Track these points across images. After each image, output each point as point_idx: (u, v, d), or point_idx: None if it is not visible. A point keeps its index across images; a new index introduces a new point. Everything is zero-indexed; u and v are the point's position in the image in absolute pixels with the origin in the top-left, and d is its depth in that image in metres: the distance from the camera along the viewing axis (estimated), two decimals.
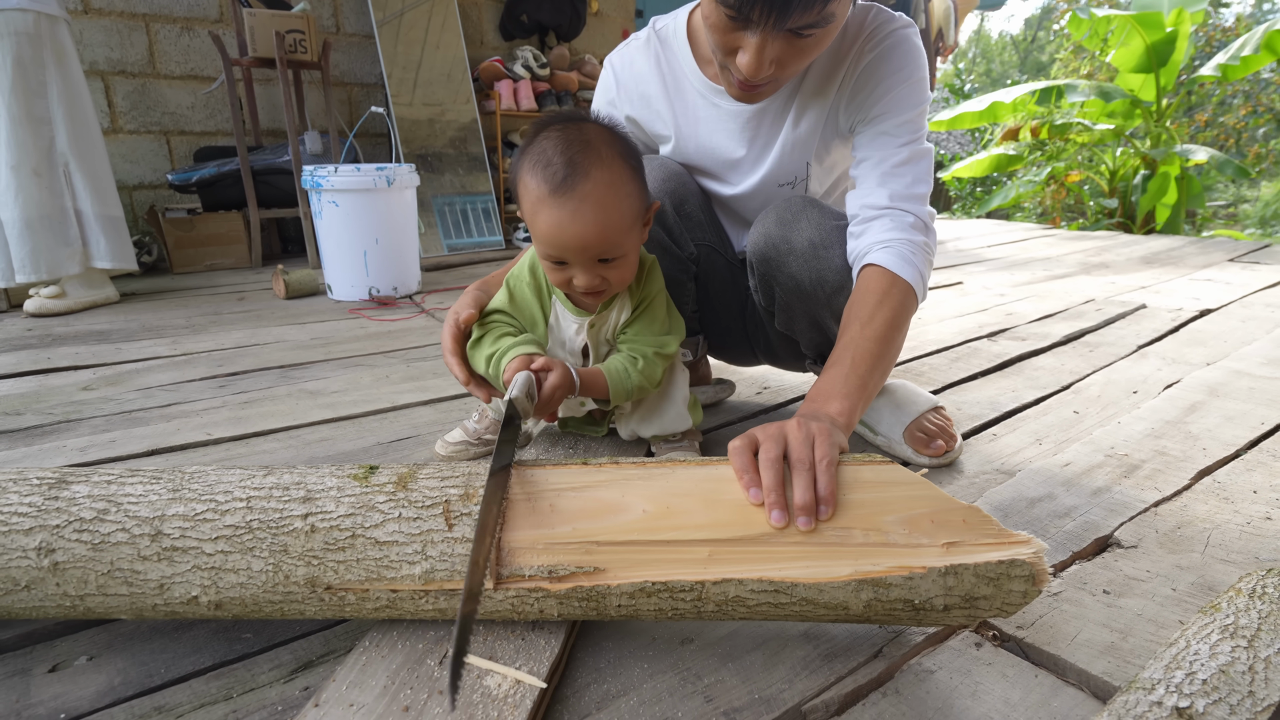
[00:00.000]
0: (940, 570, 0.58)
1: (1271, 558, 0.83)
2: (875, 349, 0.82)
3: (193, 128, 3.19)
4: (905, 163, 0.94)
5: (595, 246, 0.79)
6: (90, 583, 0.62)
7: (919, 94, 0.95)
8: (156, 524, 0.62)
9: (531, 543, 0.62)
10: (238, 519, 0.63)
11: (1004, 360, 1.60)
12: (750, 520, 0.62)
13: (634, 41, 1.09)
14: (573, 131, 0.80)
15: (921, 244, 0.92)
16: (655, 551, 0.61)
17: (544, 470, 0.67)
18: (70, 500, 0.64)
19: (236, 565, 0.62)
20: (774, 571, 0.60)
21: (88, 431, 1.24)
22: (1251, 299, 2.20)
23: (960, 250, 3.38)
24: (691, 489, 0.64)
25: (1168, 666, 0.60)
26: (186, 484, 0.66)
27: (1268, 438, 1.17)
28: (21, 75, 2.01)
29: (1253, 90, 9.13)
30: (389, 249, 2.40)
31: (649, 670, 0.66)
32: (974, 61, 20.03)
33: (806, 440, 0.65)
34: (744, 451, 0.65)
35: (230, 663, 0.68)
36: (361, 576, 0.62)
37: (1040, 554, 0.59)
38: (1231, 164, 4.47)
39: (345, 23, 3.45)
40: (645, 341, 0.93)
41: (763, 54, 0.81)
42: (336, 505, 0.63)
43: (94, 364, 1.65)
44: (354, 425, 1.27)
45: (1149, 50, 4.46)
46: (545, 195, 0.77)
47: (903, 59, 0.94)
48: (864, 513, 0.62)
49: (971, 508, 0.62)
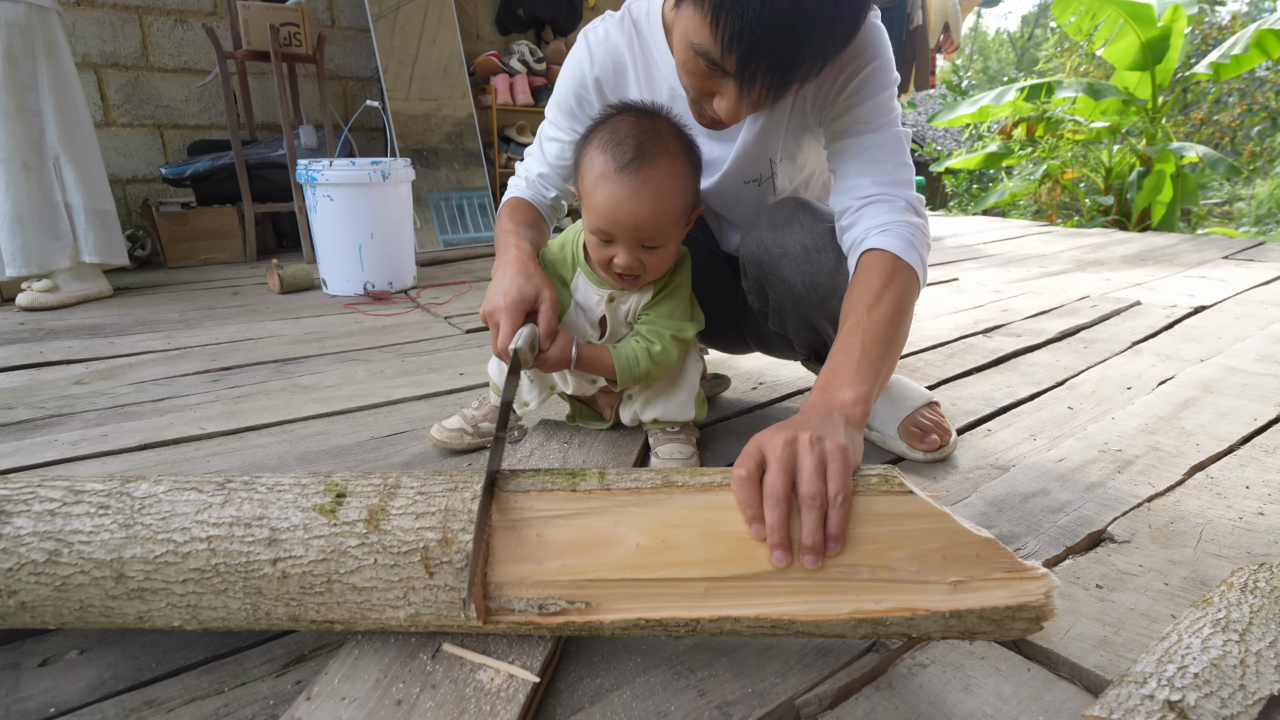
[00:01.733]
0: (944, 614, 0.56)
1: (1263, 552, 0.84)
2: (885, 332, 0.78)
3: (186, 121, 3.17)
4: (883, 146, 0.91)
5: (645, 229, 0.84)
6: (66, 615, 0.61)
7: (886, 76, 0.90)
8: (116, 567, 0.59)
9: (519, 578, 0.59)
10: (201, 562, 0.59)
11: (999, 356, 1.60)
12: (751, 557, 0.58)
13: (609, 18, 1.03)
14: (646, 120, 0.84)
15: (919, 225, 0.88)
16: (649, 588, 0.59)
17: (529, 497, 0.62)
18: (15, 539, 0.60)
19: (212, 604, 0.60)
20: (772, 609, 0.58)
21: (80, 426, 1.23)
22: (1245, 296, 2.20)
23: (957, 246, 3.38)
24: (688, 519, 0.60)
25: (1160, 660, 0.60)
26: (138, 517, 0.61)
27: (1260, 433, 1.18)
28: (12, 67, 1.99)
29: (1247, 89, 9.15)
30: (384, 244, 2.39)
31: (642, 664, 0.66)
32: (971, 59, 20.03)
33: (819, 468, 0.59)
34: (748, 484, 0.59)
35: (222, 657, 0.68)
36: (345, 616, 0.60)
37: (1051, 592, 0.56)
38: (1226, 162, 4.48)
39: (340, 16, 3.43)
40: (665, 324, 0.96)
41: (741, 105, 0.77)
42: (305, 550, 0.59)
43: (86, 358, 1.64)
44: (348, 420, 1.27)
45: (1144, 47, 4.47)
46: (610, 172, 0.81)
47: (865, 40, 0.89)
48: (873, 548, 0.58)
49: (987, 540, 0.57)
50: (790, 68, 0.72)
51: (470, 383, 1.46)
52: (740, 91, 0.75)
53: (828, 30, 0.70)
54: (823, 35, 0.70)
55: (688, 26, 0.73)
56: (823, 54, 0.73)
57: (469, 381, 1.47)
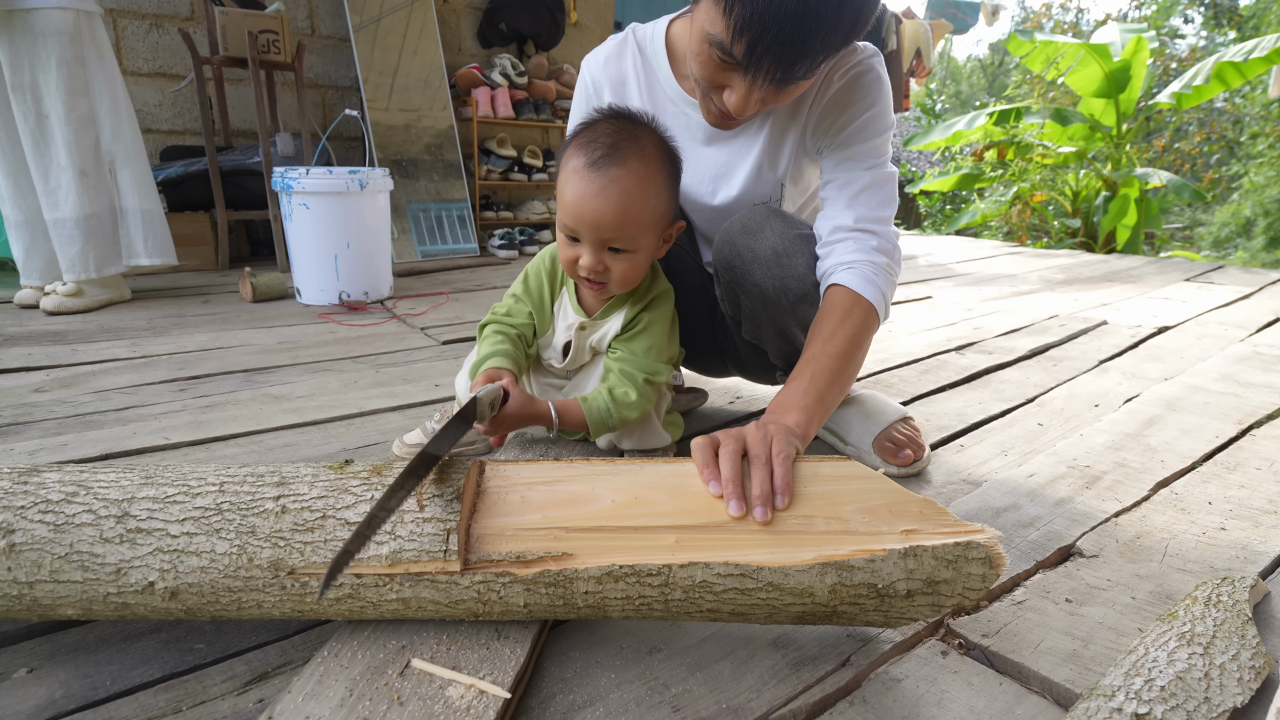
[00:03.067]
0: (900, 552, 0.60)
1: (1225, 567, 0.86)
2: (835, 365, 0.86)
3: (159, 126, 3.12)
4: (870, 187, 0.97)
5: (608, 228, 0.83)
6: (44, 566, 0.61)
7: (883, 121, 0.98)
8: (125, 505, 0.62)
9: (500, 529, 0.63)
10: (208, 501, 0.63)
11: (971, 373, 1.63)
12: (716, 509, 0.64)
13: (610, 42, 1.09)
14: (627, 124, 0.86)
15: (884, 265, 0.95)
16: (623, 538, 0.62)
17: (515, 466, 0.69)
18: (40, 484, 0.64)
19: (200, 548, 0.61)
20: (740, 556, 0.61)
21: (38, 435, 1.19)
22: (1206, 317, 2.27)
23: (930, 265, 3.44)
24: (659, 482, 0.66)
25: (1127, 674, 0.61)
26: (160, 473, 0.66)
27: (1222, 450, 1.21)
28: (67, 75, 1.99)
29: (1206, 118, 9.49)
30: (360, 253, 2.36)
31: (616, 680, 0.65)
32: (944, 83, 20.54)
33: (764, 439, 0.68)
34: (705, 448, 0.68)
35: (181, 674, 0.65)
36: (326, 558, 0.61)
37: (994, 539, 0.61)
38: (1189, 188, 4.63)
39: (321, 25, 3.42)
40: (638, 365, 0.94)
41: (751, 97, 0.83)
42: (310, 488, 0.64)
43: (47, 365, 1.59)
44: (319, 430, 1.25)
45: (1108, 77, 4.62)
46: (580, 167, 0.83)
47: (868, 87, 0.97)
48: (825, 503, 0.64)
49: (926, 500, 0.64)
50: (795, 58, 0.77)
51: (446, 394, 1.45)
52: (748, 82, 0.81)
53: (831, 24, 0.76)
54: (827, 29, 0.76)
55: (704, 19, 0.80)
56: (824, 49, 0.78)
57: (444, 393, 1.46)
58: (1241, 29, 10.57)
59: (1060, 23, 13.95)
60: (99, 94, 2.08)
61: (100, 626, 0.71)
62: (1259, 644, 0.65)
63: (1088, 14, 18.99)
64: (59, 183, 2.04)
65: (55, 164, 2.03)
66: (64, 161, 2.03)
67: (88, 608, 0.63)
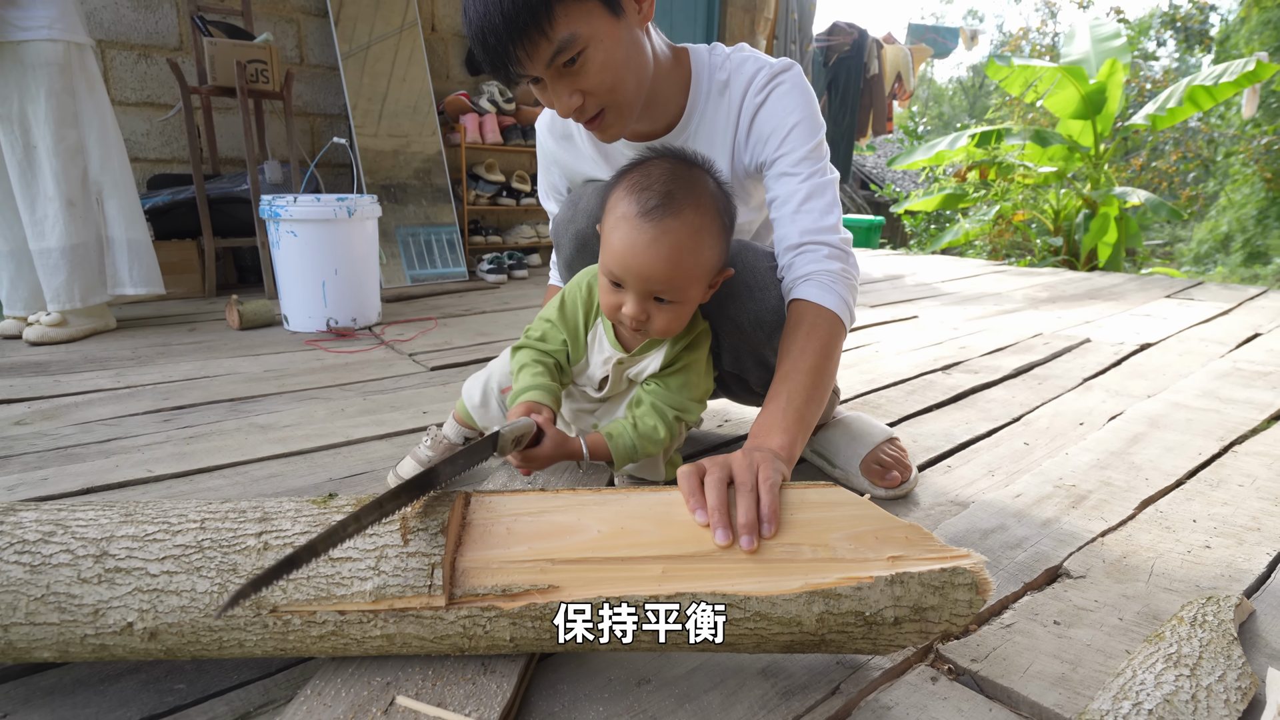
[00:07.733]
0: (887, 579, 0.60)
1: (1211, 585, 0.86)
2: (808, 380, 0.85)
3: (147, 155, 3.12)
4: (809, 197, 0.96)
5: (657, 281, 0.80)
6: (19, 609, 0.59)
7: (812, 128, 0.97)
8: (103, 544, 0.61)
9: (486, 562, 0.62)
10: (189, 539, 0.62)
11: (958, 393, 1.64)
12: (702, 539, 0.63)
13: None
14: (683, 169, 0.83)
15: (839, 271, 0.94)
16: (610, 569, 0.62)
17: (501, 497, 0.68)
18: (16, 524, 0.63)
19: (180, 587, 0.60)
20: (727, 586, 0.61)
21: (18, 469, 1.18)
22: (1187, 334, 2.30)
23: (916, 285, 3.48)
24: (645, 511, 0.66)
25: (1115, 697, 0.61)
26: (140, 510, 0.65)
27: (1205, 467, 1.22)
28: (56, 106, 1.99)
29: (1182, 138, 9.70)
30: (348, 280, 2.36)
31: (604, 713, 0.64)
32: (927, 105, 20.93)
33: (750, 466, 0.68)
34: (691, 476, 0.68)
35: (160, 716, 0.64)
36: (310, 595, 0.60)
37: (980, 565, 0.61)
38: (1167, 206, 4.73)
39: (309, 54, 3.44)
40: (671, 401, 0.93)
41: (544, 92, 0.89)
42: (292, 524, 0.64)
43: (29, 397, 1.57)
44: (305, 460, 1.24)
45: (1084, 99, 4.73)
46: (631, 215, 0.79)
47: (789, 100, 0.96)
48: (811, 530, 0.64)
49: (912, 525, 0.64)
50: (505, 59, 0.83)
51: (435, 419, 1.44)
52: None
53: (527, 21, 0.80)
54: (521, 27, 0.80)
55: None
56: (525, 46, 0.82)
57: (433, 420, 1.45)
58: (1213, 51, 10.86)
59: (1037, 45, 14.28)
60: (88, 124, 2.09)
61: (77, 668, 0.70)
62: (1245, 664, 0.66)
63: (1064, 37, 19.44)
64: (45, 213, 2.04)
65: (42, 194, 2.03)
66: (51, 192, 2.03)
67: (64, 650, 0.61)
